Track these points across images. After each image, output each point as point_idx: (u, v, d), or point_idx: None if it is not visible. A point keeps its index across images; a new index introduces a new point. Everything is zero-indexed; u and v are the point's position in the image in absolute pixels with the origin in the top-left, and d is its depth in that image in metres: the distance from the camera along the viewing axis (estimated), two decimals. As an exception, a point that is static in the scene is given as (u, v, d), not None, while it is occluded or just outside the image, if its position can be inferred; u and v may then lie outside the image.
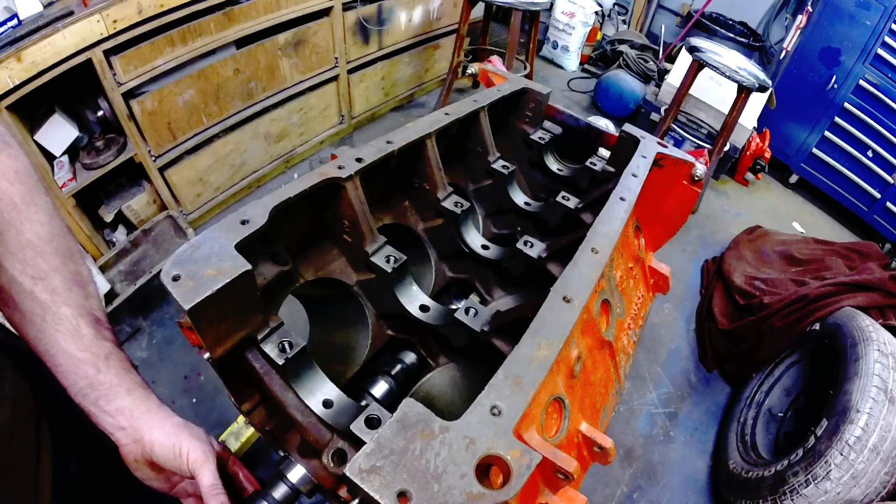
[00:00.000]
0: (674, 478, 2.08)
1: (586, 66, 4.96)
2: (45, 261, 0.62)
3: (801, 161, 3.81)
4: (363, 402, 0.80)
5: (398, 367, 1.05)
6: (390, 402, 0.98)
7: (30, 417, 0.67)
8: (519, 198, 1.33)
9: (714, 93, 3.53)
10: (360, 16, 3.01)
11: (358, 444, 0.67)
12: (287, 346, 0.75)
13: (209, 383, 2.11)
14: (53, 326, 0.61)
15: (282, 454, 0.81)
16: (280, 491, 0.75)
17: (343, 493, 0.75)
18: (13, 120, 1.85)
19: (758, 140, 3.60)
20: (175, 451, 0.63)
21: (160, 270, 0.85)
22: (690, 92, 3.13)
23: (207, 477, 0.64)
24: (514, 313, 0.89)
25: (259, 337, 0.74)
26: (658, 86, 4.06)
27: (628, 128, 1.29)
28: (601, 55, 4.85)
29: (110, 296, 2.22)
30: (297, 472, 0.77)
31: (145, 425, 0.63)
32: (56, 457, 0.70)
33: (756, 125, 3.61)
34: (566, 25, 4.70)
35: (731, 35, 4.35)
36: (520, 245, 1.07)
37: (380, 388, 0.99)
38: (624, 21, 5.15)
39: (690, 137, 3.60)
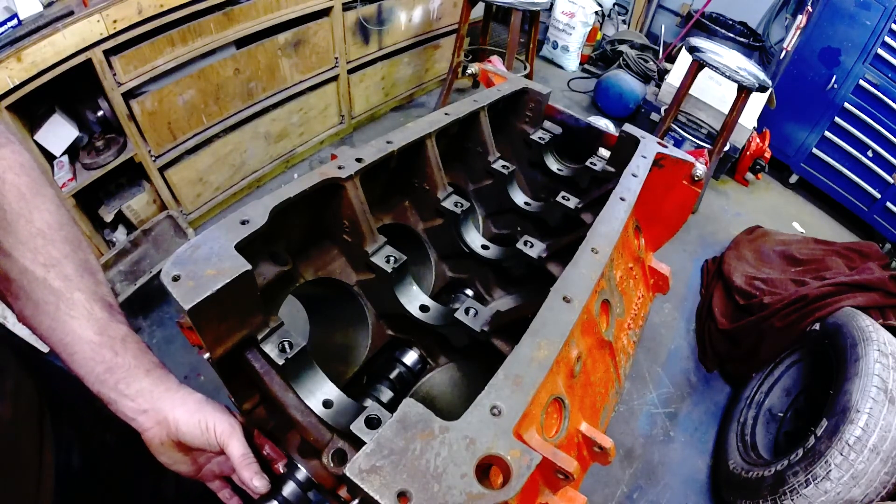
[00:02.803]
0: (674, 478, 2.08)
1: (586, 66, 4.96)
2: (55, 248, 0.62)
3: (801, 161, 3.81)
4: (364, 402, 0.80)
5: (398, 367, 1.05)
6: (390, 402, 0.98)
7: (32, 413, 0.67)
8: (519, 198, 1.33)
9: (714, 93, 3.52)
10: (360, 16, 3.01)
11: (358, 444, 0.67)
12: (287, 346, 0.75)
13: (209, 383, 2.11)
14: (67, 313, 0.61)
15: (282, 454, 0.81)
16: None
17: (343, 493, 0.75)
18: (13, 120, 1.85)
19: (758, 140, 3.60)
20: (202, 427, 0.63)
21: (160, 270, 0.84)
22: (690, 92, 3.13)
23: (237, 448, 0.64)
24: (514, 313, 0.89)
25: (259, 337, 0.74)
26: (658, 86, 4.06)
27: (628, 128, 1.29)
28: (601, 55, 4.85)
29: (110, 296, 2.21)
30: None
31: (167, 405, 0.63)
32: (58, 453, 0.69)
33: (756, 125, 3.61)
34: (566, 25, 4.70)
35: (731, 35, 4.34)
36: (520, 245, 1.07)
37: (382, 390, 1.00)
38: (624, 21, 5.15)
39: (690, 137, 3.60)
